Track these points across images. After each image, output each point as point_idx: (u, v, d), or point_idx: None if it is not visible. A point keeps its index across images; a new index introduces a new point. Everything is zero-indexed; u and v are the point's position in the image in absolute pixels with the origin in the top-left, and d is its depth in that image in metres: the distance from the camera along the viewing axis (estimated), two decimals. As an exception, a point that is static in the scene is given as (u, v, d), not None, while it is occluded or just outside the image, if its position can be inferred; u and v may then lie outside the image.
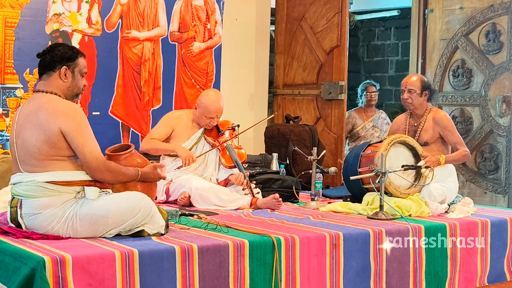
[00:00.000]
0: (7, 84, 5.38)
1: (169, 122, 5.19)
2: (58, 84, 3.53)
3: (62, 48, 3.58)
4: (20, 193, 3.40)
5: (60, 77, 3.53)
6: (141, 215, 3.46)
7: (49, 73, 3.53)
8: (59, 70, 3.53)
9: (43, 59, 3.56)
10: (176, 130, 5.14)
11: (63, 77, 3.53)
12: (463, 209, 4.74)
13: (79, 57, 3.60)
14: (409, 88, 5.05)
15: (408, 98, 5.05)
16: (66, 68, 3.53)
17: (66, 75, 3.54)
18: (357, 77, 11.43)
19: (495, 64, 6.99)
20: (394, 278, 4.05)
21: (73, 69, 3.56)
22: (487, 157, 7.08)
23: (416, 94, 5.04)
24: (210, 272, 3.36)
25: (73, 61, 3.57)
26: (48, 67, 3.54)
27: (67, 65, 3.54)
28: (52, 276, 2.93)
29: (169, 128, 5.15)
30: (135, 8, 6.01)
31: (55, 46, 3.60)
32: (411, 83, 5.07)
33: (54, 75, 3.53)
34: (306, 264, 3.71)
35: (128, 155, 3.73)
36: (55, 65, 3.53)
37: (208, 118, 5.09)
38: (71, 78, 3.56)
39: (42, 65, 3.57)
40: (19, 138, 3.45)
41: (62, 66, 3.53)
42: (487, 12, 7.03)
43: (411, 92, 5.04)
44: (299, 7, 7.17)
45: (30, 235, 3.35)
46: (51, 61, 3.53)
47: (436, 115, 5.05)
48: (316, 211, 4.72)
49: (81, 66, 3.61)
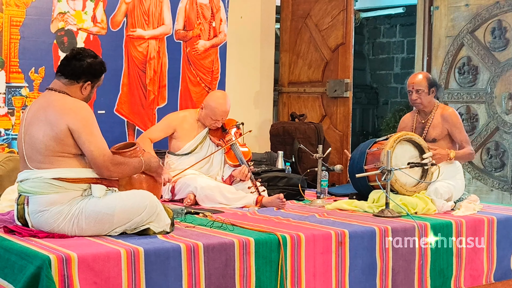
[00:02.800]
0: (13, 83, 5.38)
1: (171, 123, 5.18)
2: (74, 91, 3.52)
3: (93, 61, 3.53)
4: (27, 189, 3.40)
5: (80, 89, 3.53)
6: (146, 213, 3.46)
7: (71, 81, 3.51)
8: (82, 83, 3.52)
9: (69, 64, 3.51)
10: (180, 131, 5.13)
11: (83, 90, 3.54)
12: (469, 206, 4.72)
13: (103, 75, 3.61)
14: (417, 88, 5.02)
15: (417, 99, 5.02)
16: (89, 83, 3.54)
17: (86, 89, 3.55)
18: (362, 75, 11.42)
19: (501, 61, 6.97)
20: (400, 276, 4.05)
21: (92, 85, 3.57)
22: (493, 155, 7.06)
23: (424, 93, 5.01)
24: (216, 270, 3.36)
25: (98, 78, 3.58)
26: (73, 76, 3.50)
27: (91, 80, 3.54)
28: (58, 275, 2.93)
29: (170, 129, 5.15)
30: (140, 6, 6.02)
31: (87, 55, 3.53)
32: (418, 83, 5.03)
33: (75, 85, 3.52)
34: (312, 262, 3.70)
35: (133, 152, 3.74)
36: (80, 77, 3.51)
37: (214, 120, 5.09)
38: (88, 93, 3.57)
39: (66, 71, 3.51)
40: (27, 134, 3.46)
41: (86, 80, 3.52)
42: (492, 9, 7.01)
43: (419, 92, 5.01)
44: (304, 5, 7.17)
45: (36, 233, 3.35)
46: (77, 72, 3.49)
47: (444, 112, 5.03)
48: (322, 209, 4.71)
49: (101, 81, 3.63)
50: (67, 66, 3.53)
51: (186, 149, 5.11)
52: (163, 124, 5.22)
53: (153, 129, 5.27)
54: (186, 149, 5.11)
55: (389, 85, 11.32)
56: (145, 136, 5.14)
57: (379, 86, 11.49)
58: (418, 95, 5.02)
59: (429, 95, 5.03)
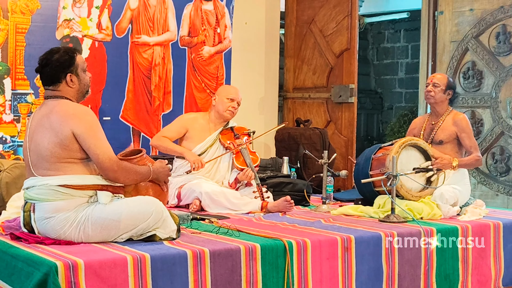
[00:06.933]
0: (18, 90, 5.39)
1: (185, 123, 5.21)
2: (67, 90, 3.53)
3: (57, 56, 3.52)
4: (33, 197, 3.41)
5: (67, 84, 3.52)
6: (152, 219, 3.46)
7: (56, 84, 3.52)
8: (64, 79, 3.52)
9: (44, 72, 3.52)
10: (191, 131, 5.16)
11: (70, 84, 3.53)
12: (475, 211, 4.72)
13: (76, 57, 3.57)
14: (435, 82, 5.06)
15: (431, 91, 5.05)
16: (70, 74, 3.52)
17: (73, 80, 3.53)
18: (367, 80, 11.42)
19: (506, 66, 6.96)
20: (406, 281, 4.04)
21: (76, 72, 3.55)
22: (498, 159, 7.05)
23: (440, 89, 5.04)
24: (222, 276, 3.36)
25: (73, 65, 3.54)
26: (53, 80, 3.51)
27: (70, 71, 3.52)
28: (64, 282, 2.93)
29: (183, 129, 5.17)
30: (145, 13, 6.03)
31: (50, 56, 3.53)
32: (438, 78, 5.10)
33: (61, 84, 3.52)
34: (318, 267, 3.70)
35: (139, 159, 3.74)
36: (58, 76, 3.50)
37: (229, 99, 5.12)
38: (77, 81, 3.55)
39: (45, 79, 3.53)
40: (32, 142, 3.46)
41: (65, 74, 3.51)
42: (497, 14, 7.01)
43: (435, 86, 5.05)
44: (308, 10, 7.17)
45: (43, 240, 3.35)
46: (53, 74, 3.50)
47: (455, 117, 5.05)
48: (328, 215, 4.71)
49: (81, 64, 3.58)
50: (43, 76, 3.53)
51: (197, 151, 5.11)
52: (177, 124, 5.23)
53: (166, 129, 5.28)
54: (196, 150, 5.11)
55: (394, 90, 11.31)
56: (160, 136, 5.16)
57: (383, 91, 11.48)
58: (433, 88, 5.05)
59: (444, 94, 5.05)
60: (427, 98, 5.13)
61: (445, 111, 5.10)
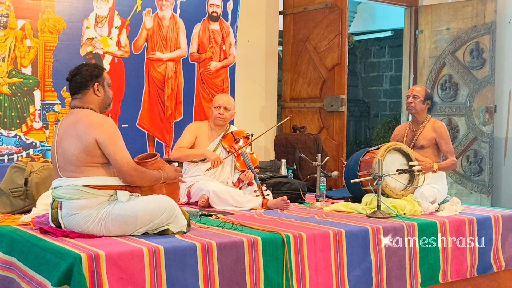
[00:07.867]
0: (47, 100, 5.40)
1: (193, 131, 5.20)
2: (93, 99, 3.54)
3: (87, 67, 3.55)
4: (60, 195, 3.41)
5: (94, 93, 3.53)
6: (166, 215, 3.46)
7: (84, 91, 3.52)
8: (92, 88, 3.52)
9: (74, 80, 3.53)
10: (199, 138, 5.15)
11: (97, 92, 3.54)
12: (451, 208, 4.71)
13: (104, 71, 3.61)
14: (415, 94, 5.06)
15: (412, 103, 5.05)
16: (98, 84, 3.54)
17: (99, 90, 3.54)
18: (355, 91, 11.42)
19: (479, 78, 6.97)
20: (393, 271, 4.03)
21: (102, 83, 3.56)
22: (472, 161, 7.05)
23: (419, 100, 5.04)
24: (228, 266, 3.35)
25: (101, 76, 3.56)
26: (81, 87, 3.51)
27: (97, 81, 3.54)
28: (88, 271, 2.93)
29: (193, 137, 5.16)
30: (159, 32, 6.03)
31: (81, 67, 3.56)
32: (417, 91, 5.09)
33: (89, 92, 3.53)
34: (313, 258, 3.69)
35: (154, 162, 3.75)
36: (87, 84, 3.51)
37: (216, 107, 5.11)
38: (103, 92, 3.56)
39: (74, 87, 3.53)
40: (60, 148, 3.46)
41: (94, 83, 3.52)
42: (471, 32, 7.01)
43: (415, 97, 5.04)
44: (304, 30, 7.18)
45: (68, 234, 3.35)
46: (83, 81, 3.51)
47: (435, 124, 5.05)
48: (321, 211, 4.70)
49: (107, 78, 3.62)
50: (73, 85, 3.54)
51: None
52: (187, 134, 5.20)
53: (180, 141, 5.18)
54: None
55: (379, 100, 11.31)
56: (178, 147, 5.11)
57: (370, 100, 11.48)
58: (414, 100, 5.04)
59: (423, 104, 5.05)
60: (409, 109, 5.12)
61: (424, 119, 5.10)
